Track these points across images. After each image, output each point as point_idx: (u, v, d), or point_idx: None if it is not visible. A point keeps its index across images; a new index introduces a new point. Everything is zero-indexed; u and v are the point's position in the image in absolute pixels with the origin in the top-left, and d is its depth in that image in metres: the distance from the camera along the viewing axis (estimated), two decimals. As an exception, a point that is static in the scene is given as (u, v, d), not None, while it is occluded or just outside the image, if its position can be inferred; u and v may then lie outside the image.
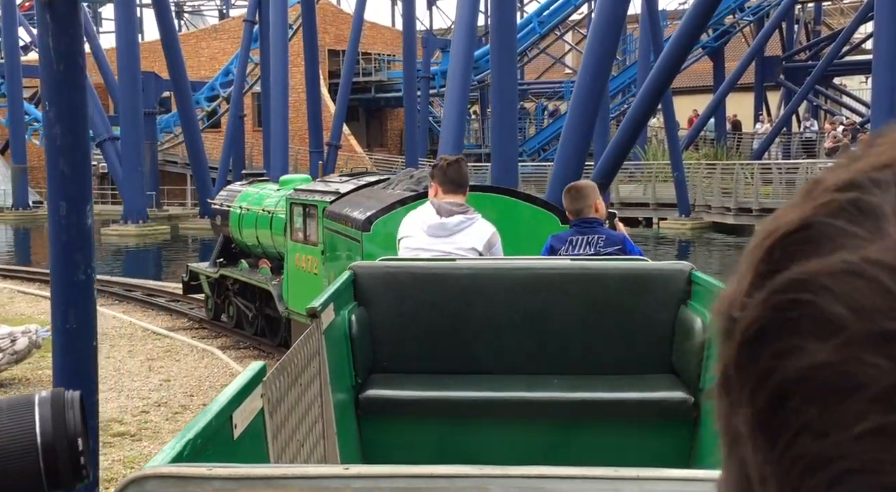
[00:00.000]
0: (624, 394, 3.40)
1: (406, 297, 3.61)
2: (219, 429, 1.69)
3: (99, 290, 12.58)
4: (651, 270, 3.68)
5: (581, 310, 3.59)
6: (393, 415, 3.39)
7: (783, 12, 29.84)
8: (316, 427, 2.68)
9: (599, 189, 4.45)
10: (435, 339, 3.60)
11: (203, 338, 9.92)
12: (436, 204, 4.01)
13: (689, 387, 3.34)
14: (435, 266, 3.72)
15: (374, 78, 34.37)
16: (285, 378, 2.28)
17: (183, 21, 46.87)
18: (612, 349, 3.58)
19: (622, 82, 31.18)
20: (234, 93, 27.31)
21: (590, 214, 4.24)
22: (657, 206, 24.21)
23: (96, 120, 24.66)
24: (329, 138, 26.69)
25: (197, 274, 10.67)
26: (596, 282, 3.60)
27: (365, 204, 6.66)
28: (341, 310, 3.31)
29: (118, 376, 7.88)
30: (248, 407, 1.89)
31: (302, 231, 8.05)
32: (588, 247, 4.19)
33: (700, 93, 34.25)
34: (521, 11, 41.74)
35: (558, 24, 31.63)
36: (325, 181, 8.74)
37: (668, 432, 3.37)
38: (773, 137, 29.71)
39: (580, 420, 3.36)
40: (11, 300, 12.03)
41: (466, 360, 3.58)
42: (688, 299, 3.49)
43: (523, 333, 3.60)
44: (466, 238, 3.97)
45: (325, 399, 2.83)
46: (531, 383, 3.45)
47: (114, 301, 12.04)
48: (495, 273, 3.68)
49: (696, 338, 3.31)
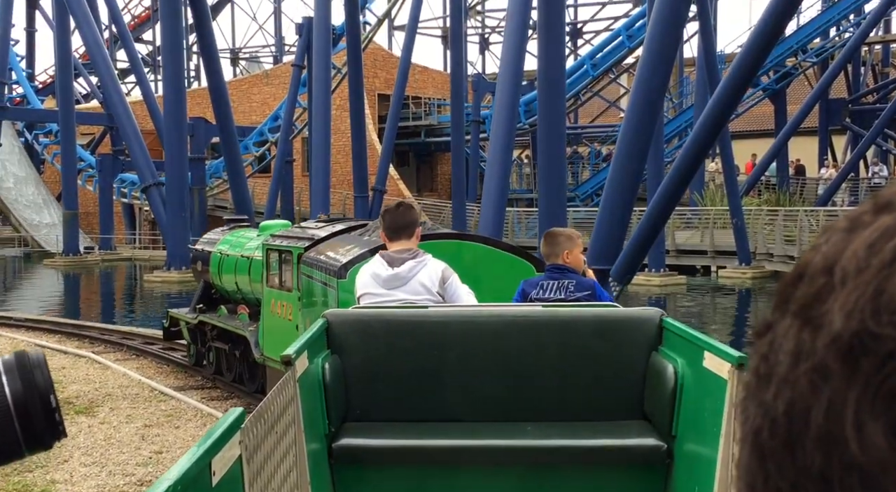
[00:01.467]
0: (597, 441, 3.40)
1: (379, 344, 3.61)
2: (198, 476, 1.68)
3: (119, 343, 12.16)
4: (622, 316, 3.70)
5: (553, 356, 3.60)
6: (366, 463, 3.38)
7: (849, 53, 28.66)
8: (291, 475, 2.67)
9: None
10: (408, 386, 3.59)
11: (213, 399, 9.25)
12: (386, 256, 4.05)
13: (662, 433, 3.34)
14: (407, 314, 3.71)
15: (425, 122, 33.99)
16: (262, 425, 2.28)
17: (238, 68, 47.45)
18: (584, 395, 3.58)
19: (678, 126, 30.22)
20: (281, 137, 27.11)
21: (556, 260, 4.29)
22: (715, 253, 23.08)
23: (141, 165, 24.60)
24: (374, 183, 26.21)
25: (177, 320, 10.63)
26: (568, 328, 3.62)
27: (341, 250, 6.70)
28: (315, 357, 3.32)
29: (106, 446, 7.21)
30: (227, 454, 1.89)
31: (277, 277, 8.02)
32: (559, 291, 4.23)
33: (761, 137, 33.06)
34: (574, 54, 41.25)
35: (612, 67, 30.90)
36: (303, 227, 8.70)
37: (641, 477, 3.35)
38: (840, 183, 28.33)
39: (554, 467, 3.37)
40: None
41: (439, 407, 3.57)
42: (659, 345, 3.50)
43: (496, 379, 3.59)
44: (423, 281, 3.99)
45: (299, 447, 2.83)
46: (504, 430, 3.45)
47: (130, 356, 11.48)
48: (467, 320, 3.67)
49: (668, 384, 3.29)
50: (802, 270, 0.36)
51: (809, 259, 0.36)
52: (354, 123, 24.34)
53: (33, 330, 13.52)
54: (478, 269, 6.10)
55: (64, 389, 8.98)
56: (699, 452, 3.12)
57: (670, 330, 3.47)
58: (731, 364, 2.82)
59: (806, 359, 0.33)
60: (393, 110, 26.38)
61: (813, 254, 0.36)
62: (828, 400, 0.32)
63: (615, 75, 33.05)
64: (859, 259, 0.33)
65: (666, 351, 3.46)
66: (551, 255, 4.34)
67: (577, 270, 4.37)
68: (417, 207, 4.38)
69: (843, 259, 0.34)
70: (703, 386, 3.09)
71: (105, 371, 10.28)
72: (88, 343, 12.36)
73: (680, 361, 3.32)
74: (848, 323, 0.32)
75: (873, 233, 0.34)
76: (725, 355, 2.89)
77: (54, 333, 13.09)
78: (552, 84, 18.90)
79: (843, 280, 0.33)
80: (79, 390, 9.20)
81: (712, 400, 2.95)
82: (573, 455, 3.37)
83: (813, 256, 0.36)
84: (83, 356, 11.13)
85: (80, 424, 7.79)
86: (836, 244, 0.35)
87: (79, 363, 10.73)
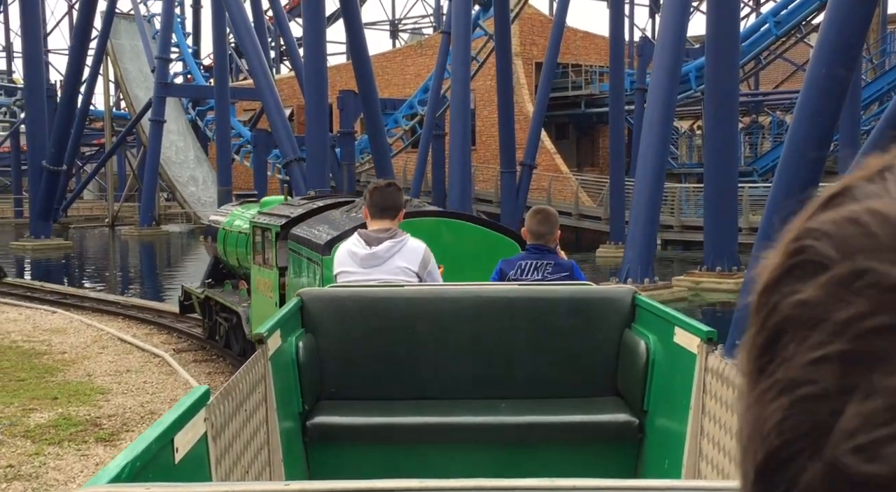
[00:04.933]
0: (570, 417, 3.46)
1: (354, 323, 3.63)
2: (159, 452, 1.67)
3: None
4: (596, 293, 3.77)
5: (528, 334, 3.66)
6: (341, 441, 3.41)
7: None
8: (262, 453, 2.69)
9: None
10: (383, 365, 3.62)
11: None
12: (364, 234, 4.05)
13: (634, 409, 3.43)
14: (382, 292, 3.72)
15: (585, 91, 31.59)
16: (229, 403, 2.27)
17: (398, 40, 46.56)
18: (558, 372, 3.65)
19: (879, 89, 26.40)
20: (428, 109, 25.65)
21: (551, 242, 4.27)
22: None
23: (283, 140, 23.92)
24: (523, 157, 24.29)
25: (191, 294, 10.94)
26: (542, 306, 3.67)
27: (326, 227, 6.78)
28: (288, 336, 3.35)
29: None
30: (191, 431, 1.88)
31: (261, 254, 8.03)
32: (537, 272, 4.22)
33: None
34: (755, 12, 37.43)
35: (798, 25, 27.33)
36: (290, 204, 8.71)
37: (614, 453, 3.42)
38: None
39: (527, 443, 3.44)
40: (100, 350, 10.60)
41: (414, 385, 3.62)
42: (632, 322, 3.59)
43: (471, 357, 3.65)
44: (400, 262, 3.98)
45: (271, 425, 2.84)
46: (479, 408, 3.51)
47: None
48: (443, 298, 3.70)
49: (640, 360, 3.36)
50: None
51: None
52: (502, 92, 22.52)
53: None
54: (461, 247, 6.14)
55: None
56: (669, 426, 3.16)
57: (643, 307, 3.53)
58: (700, 339, 2.87)
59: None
60: (545, 78, 24.27)
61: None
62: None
63: (802, 34, 29.32)
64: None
65: (638, 328, 3.51)
66: (547, 235, 4.26)
67: (557, 249, 4.35)
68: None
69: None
70: (674, 361, 3.13)
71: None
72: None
73: (652, 338, 3.37)
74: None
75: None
76: (695, 330, 2.93)
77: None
78: (723, 44, 16.42)
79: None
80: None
81: (682, 375, 2.98)
82: (546, 431, 3.43)
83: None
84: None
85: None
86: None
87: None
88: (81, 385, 8.46)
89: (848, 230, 0.32)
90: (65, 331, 11.49)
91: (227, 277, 10.39)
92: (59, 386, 8.39)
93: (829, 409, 0.30)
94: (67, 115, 29.85)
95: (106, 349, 10.36)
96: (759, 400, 0.32)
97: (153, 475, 1.56)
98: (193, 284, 11.18)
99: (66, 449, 6.46)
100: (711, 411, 2.73)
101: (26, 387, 8.35)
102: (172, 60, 35.90)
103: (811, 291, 0.32)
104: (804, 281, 0.32)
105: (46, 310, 13.23)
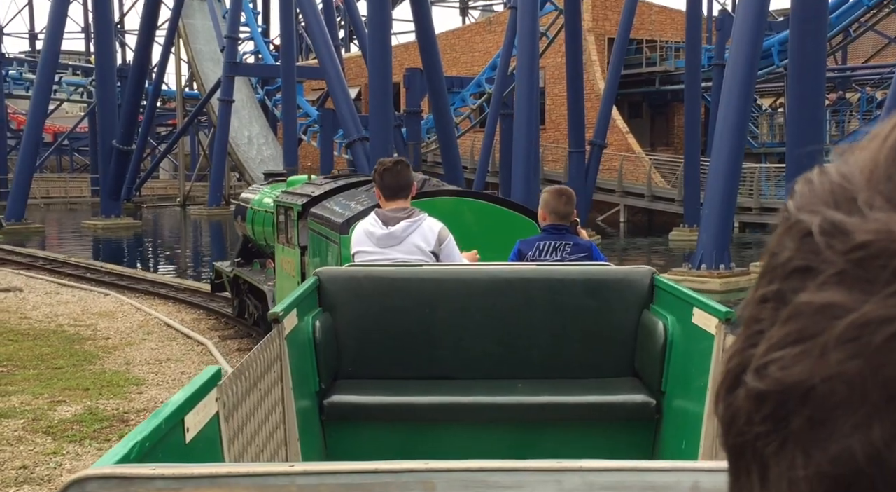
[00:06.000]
0: (587, 397, 3.45)
1: (371, 302, 3.62)
2: (170, 432, 1.65)
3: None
4: (614, 274, 3.72)
5: (545, 314, 3.64)
6: (357, 420, 3.39)
7: None
8: (277, 432, 2.68)
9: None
10: (400, 344, 3.63)
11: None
12: (381, 214, 4.02)
13: (651, 389, 3.41)
14: (400, 272, 3.70)
15: (660, 68, 30.37)
16: (242, 383, 2.26)
17: (468, 17, 45.76)
18: (575, 353, 3.65)
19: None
20: (496, 87, 24.92)
21: (572, 220, 4.25)
22: None
23: (347, 120, 23.53)
24: (592, 136, 23.38)
25: (221, 273, 10.99)
26: (560, 287, 3.65)
27: (345, 206, 6.79)
28: (305, 315, 3.33)
29: None
30: (202, 411, 1.87)
31: (284, 233, 8.00)
32: (555, 253, 4.19)
33: None
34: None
35: (892, -5, 25.68)
36: (313, 183, 8.67)
37: (631, 433, 3.41)
38: None
39: (544, 423, 3.44)
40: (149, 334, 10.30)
41: (431, 365, 3.62)
42: (650, 303, 3.57)
43: (488, 337, 3.65)
44: (417, 241, 3.97)
45: (287, 404, 2.82)
46: (495, 388, 3.50)
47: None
48: (460, 278, 3.68)
49: (658, 341, 3.35)
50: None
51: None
52: (571, 69, 21.65)
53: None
54: (479, 227, 6.08)
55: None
56: (687, 407, 3.16)
57: (661, 288, 3.52)
58: (718, 319, 2.86)
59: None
60: (616, 54, 23.27)
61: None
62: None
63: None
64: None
65: (657, 309, 3.50)
66: (569, 214, 4.24)
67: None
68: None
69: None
70: (692, 342, 3.12)
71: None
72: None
73: (670, 319, 3.35)
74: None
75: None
76: (713, 311, 2.93)
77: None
78: (809, 16, 15.33)
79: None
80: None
81: (700, 356, 2.98)
82: (563, 412, 3.41)
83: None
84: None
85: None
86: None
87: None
88: (117, 375, 8.13)
89: (803, 188, 0.35)
90: (113, 315, 11.25)
91: (256, 256, 10.44)
92: (95, 376, 8.07)
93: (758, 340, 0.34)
94: (136, 95, 30.03)
95: (150, 335, 10.05)
96: (736, 339, 0.36)
97: (163, 455, 1.54)
98: (224, 263, 11.25)
99: (86, 448, 6.08)
100: None
101: (61, 376, 8.05)
102: (242, 40, 35.86)
103: (772, 241, 0.35)
104: (772, 232, 0.36)
105: (99, 292, 13.06)
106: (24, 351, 9.06)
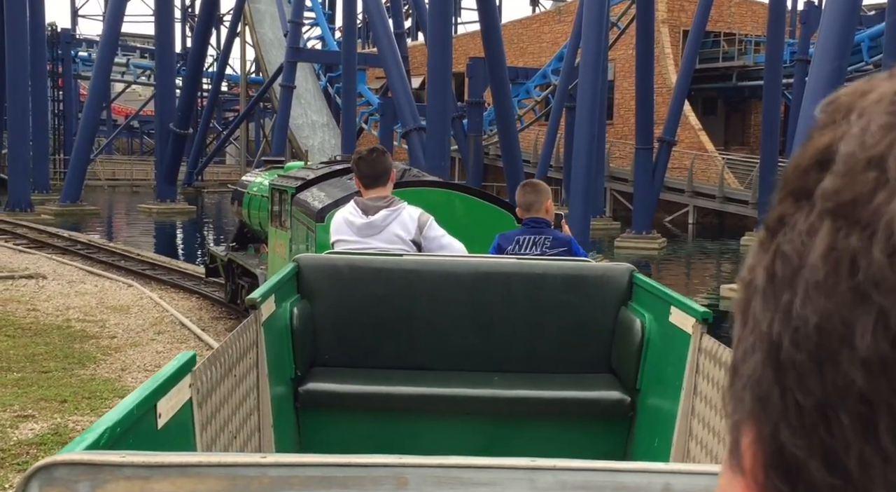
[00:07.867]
0: (563, 392, 3.47)
1: (350, 291, 3.62)
2: (141, 418, 1.64)
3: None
4: (594, 271, 3.74)
5: (524, 309, 3.66)
6: (332, 408, 3.40)
7: None
8: (251, 419, 2.67)
9: None
10: (377, 333, 3.64)
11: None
12: (360, 203, 4.01)
13: (626, 387, 3.43)
14: (380, 261, 3.69)
15: (737, 62, 28.70)
16: (217, 369, 2.25)
17: (538, 7, 44.45)
18: (553, 348, 3.67)
19: None
20: (561, 79, 23.74)
21: (540, 211, 4.22)
22: None
23: (404, 109, 22.66)
24: (662, 132, 22.01)
25: (216, 258, 11.03)
26: (540, 281, 3.67)
27: (328, 193, 6.81)
28: (283, 302, 3.32)
29: None
30: (175, 397, 1.85)
31: (278, 217, 8.08)
32: (535, 247, 4.19)
33: None
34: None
35: None
36: (309, 168, 8.76)
37: (605, 430, 3.45)
38: None
39: (519, 418, 3.45)
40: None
41: (408, 355, 3.63)
42: (629, 301, 3.59)
43: (466, 330, 3.66)
44: (397, 230, 3.96)
45: (262, 391, 2.83)
46: (472, 380, 3.51)
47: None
48: (440, 270, 3.68)
49: (635, 339, 3.35)
50: (826, 156, 0.32)
51: (831, 144, 0.32)
52: (641, 62, 20.34)
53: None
54: (462, 220, 6.12)
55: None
56: (661, 405, 3.17)
57: (640, 286, 3.53)
58: (695, 319, 2.87)
59: (854, 267, 0.29)
60: (690, 47, 21.86)
61: (834, 137, 0.32)
62: (880, 317, 0.29)
63: None
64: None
65: (635, 306, 3.51)
66: (535, 204, 4.19)
67: (552, 220, 4.27)
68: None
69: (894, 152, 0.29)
70: (669, 341, 3.14)
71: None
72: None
73: (647, 317, 3.36)
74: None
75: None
76: (691, 310, 2.93)
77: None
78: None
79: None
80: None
81: (676, 354, 2.99)
82: (539, 406, 3.44)
83: (835, 140, 0.32)
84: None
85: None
86: (875, 133, 0.30)
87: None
88: (106, 384, 7.32)
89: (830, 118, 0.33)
90: (128, 310, 10.52)
91: (252, 241, 10.66)
92: (81, 384, 7.28)
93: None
94: (194, 79, 29.63)
95: (160, 336, 9.26)
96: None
97: (134, 442, 1.53)
98: (220, 248, 11.40)
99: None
100: (703, 392, 2.71)
101: (44, 382, 7.28)
102: (307, 25, 35.28)
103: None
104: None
105: (123, 283, 12.38)
106: (17, 349, 8.34)
